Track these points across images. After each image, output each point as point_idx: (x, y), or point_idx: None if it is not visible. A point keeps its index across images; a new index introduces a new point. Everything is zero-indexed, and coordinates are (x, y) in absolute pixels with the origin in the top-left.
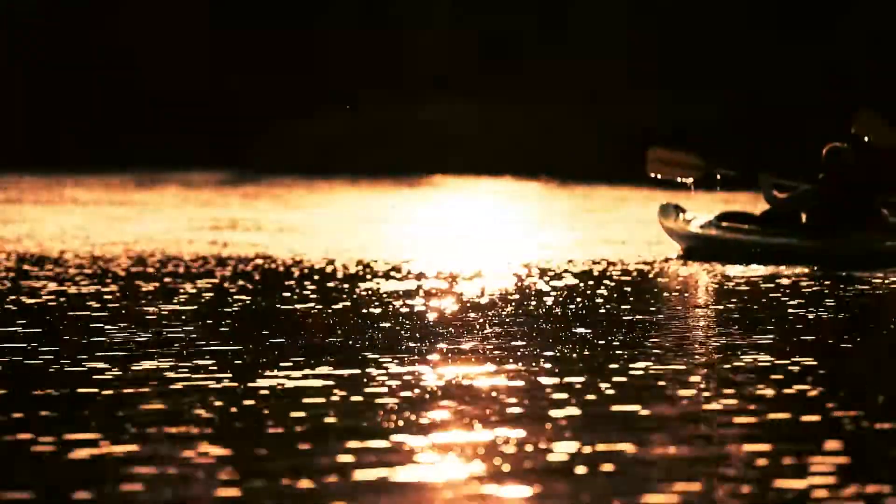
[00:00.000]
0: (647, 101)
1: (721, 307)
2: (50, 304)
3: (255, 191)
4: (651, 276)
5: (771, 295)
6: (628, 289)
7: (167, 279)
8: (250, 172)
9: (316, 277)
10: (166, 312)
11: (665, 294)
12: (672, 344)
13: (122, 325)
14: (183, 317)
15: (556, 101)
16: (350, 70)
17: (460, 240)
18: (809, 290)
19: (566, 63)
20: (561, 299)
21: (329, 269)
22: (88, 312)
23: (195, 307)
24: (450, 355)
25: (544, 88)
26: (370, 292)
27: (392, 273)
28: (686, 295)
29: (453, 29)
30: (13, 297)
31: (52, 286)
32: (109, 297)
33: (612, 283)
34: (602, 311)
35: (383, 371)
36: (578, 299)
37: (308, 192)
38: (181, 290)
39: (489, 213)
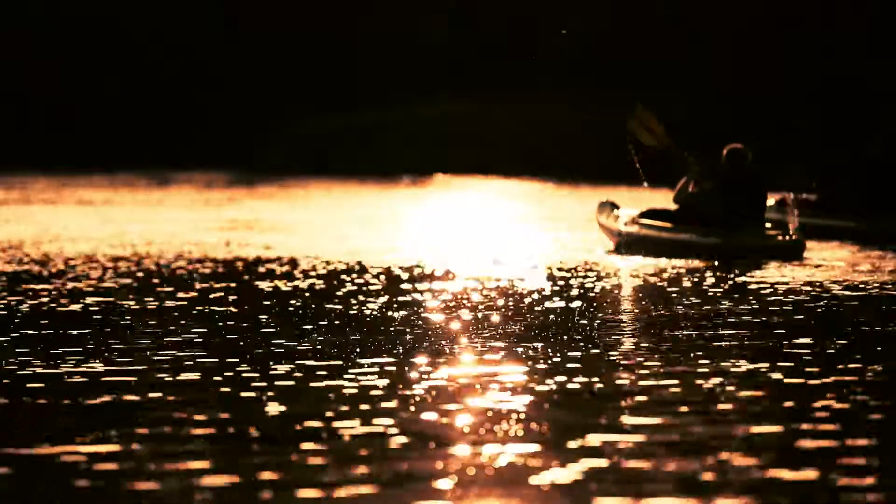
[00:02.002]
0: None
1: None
2: (55, 304)
3: (255, 191)
4: (649, 276)
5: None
6: (625, 288)
7: (172, 279)
8: (251, 172)
9: (315, 277)
10: (172, 313)
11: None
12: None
13: (129, 325)
14: (185, 317)
15: (556, 101)
16: (350, 70)
17: (460, 240)
18: (714, 282)
19: (566, 62)
20: (559, 300)
21: (328, 269)
22: (92, 312)
23: (197, 307)
24: (449, 355)
25: (544, 88)
26: (368, 292)
27: (390, 273)
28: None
29: (455, 28)
30: (20, 298)
31: (58, 287)
32: (113, 297)
33: (610, 284)
34: (601, 311)
35: (383, 371)
36: (575, 299)
37: (308, 192)
38: (184, 291)
39: (488, 213)
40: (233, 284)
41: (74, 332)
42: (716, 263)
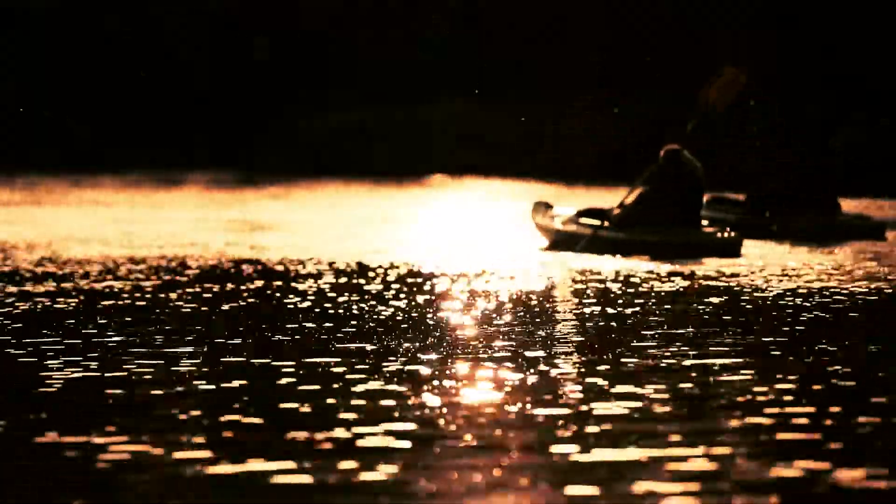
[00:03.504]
0: (648, 101)
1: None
2: (59, 303)
3: (256, 191)
4: (648, 277)
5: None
6: (627, 291)
7: (173, 279)
8: (252, 173)
9: (315, 277)
10: (174, 313)
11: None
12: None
13: (133, 324)
14: (186, 316)
15: (556, 101)
16: (350, 70)
17: (460, 240)
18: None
19: (567, 63)
20: (557, 301)
21: (327, 268)
22: (93, 312)
23: (197, 307)
24: (447, 355)
25: (545, 88)
26: (367, 292)
27: (390, 273)
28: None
29: (455, 28)
30: (23, 299)
31: (61, 287)
32: (116, 297)
33: (612, 286)
34: (599, 312)
35: (380, 369)
36: (571, 301)
37: (308, 192)
38: (185, 292)
39: (488, 214)
40: (234, 284)
41: (76, 331)
42: (653, 260)
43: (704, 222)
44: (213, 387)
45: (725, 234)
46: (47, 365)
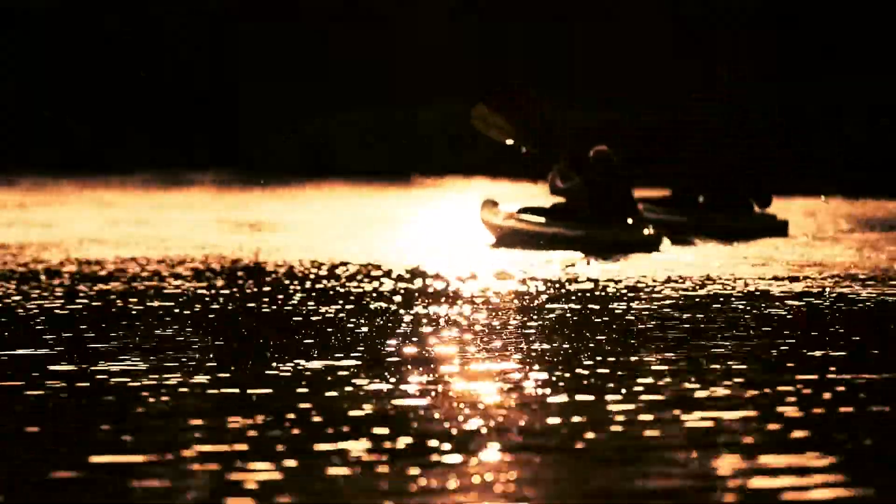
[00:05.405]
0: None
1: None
2: (63, 304)
3: (257, 191)
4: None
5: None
6: (623, 292)
7: (175, 281)
8: (253, 173)
9: (315, 278)
10: (173, 316)
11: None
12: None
13: (136, 324)
14: (181, 319)
15: (555, 101)
16: (350, 70)
17: (460, 240)
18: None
19: (568, 63)
20: (555, 303)
21: (328, 269)
22: (96, 312)
23: (194, 309)
24: (446, 355)
25: (544, 88)
26: (366, 292)
27: (389, 274)
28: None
29: (453, 30)
30: (27, 300)
31: (66, 288)
32: (119, 297)
33: (609, 288)
34: (595, 314)
35: (381, 371)
36: (570, 303)
37: (309, 192)
38: (184, 292)
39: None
40: (234, 284)
41: (79, 331)
42: (582, 255)
43: (630, 221)
44: (213, 386)
45: (647, 232)
46: (50, 365)
